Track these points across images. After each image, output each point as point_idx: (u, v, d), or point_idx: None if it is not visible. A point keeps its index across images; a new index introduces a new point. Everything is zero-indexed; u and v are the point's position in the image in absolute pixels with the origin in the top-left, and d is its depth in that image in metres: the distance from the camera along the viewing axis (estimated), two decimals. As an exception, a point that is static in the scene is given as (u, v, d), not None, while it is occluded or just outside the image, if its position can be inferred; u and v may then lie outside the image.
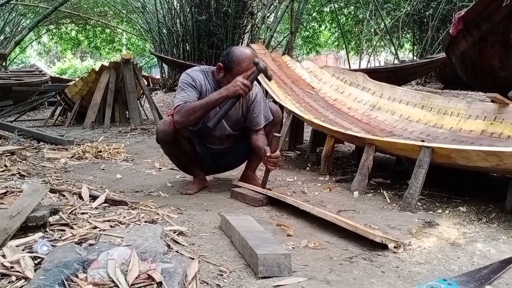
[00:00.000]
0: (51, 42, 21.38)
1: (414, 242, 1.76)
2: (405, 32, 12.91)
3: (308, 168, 3.37)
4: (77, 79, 7.92)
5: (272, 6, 9.52)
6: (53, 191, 2.16)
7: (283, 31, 14.94)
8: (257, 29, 9.50)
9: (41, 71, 11.75)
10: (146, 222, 1.85)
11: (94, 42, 18.97)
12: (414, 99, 3.49)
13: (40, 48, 24.05)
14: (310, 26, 15.75)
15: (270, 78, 2.51)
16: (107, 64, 6.76)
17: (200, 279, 1.35)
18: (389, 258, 1.59)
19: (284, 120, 3.48)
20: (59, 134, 4.99)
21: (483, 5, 4.53)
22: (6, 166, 2.95)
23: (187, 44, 10.71)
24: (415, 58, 10.80)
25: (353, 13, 14.32)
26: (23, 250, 1.41)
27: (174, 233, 1.74)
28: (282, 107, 3.38)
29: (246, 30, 10.58)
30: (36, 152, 3.75)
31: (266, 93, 3.83)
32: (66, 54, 26.29)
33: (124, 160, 3.67)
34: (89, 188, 2.31)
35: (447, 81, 9.01)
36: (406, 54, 15.59)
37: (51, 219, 1.69)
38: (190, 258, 1.48)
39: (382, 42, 14.01)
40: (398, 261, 1.57)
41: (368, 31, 13.26)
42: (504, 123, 2.82)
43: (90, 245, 1.46)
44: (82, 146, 4.03)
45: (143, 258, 1.31)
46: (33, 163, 3.24)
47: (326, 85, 4.23)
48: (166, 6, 11.14)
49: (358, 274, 1.46)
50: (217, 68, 2.45)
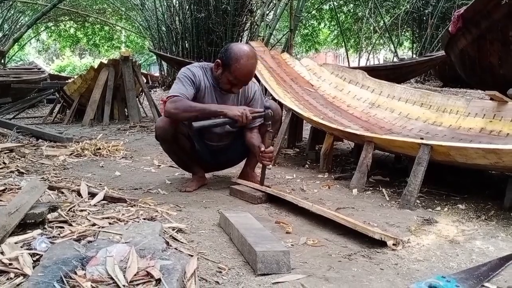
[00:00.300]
0: (50, 39, 21.36)
1: (413, 239, 1.76)
2: (404, 30, 12.91)
3: (307, 165, 3.37)
4: (76, 77, 7.90)
5: (271, 4, 9.52)
6: (51, 188, 2.16)
7: (282, 29, 14.93)
8: (256, 26, 9.49)
9: (39, 69, 11.72)
10: (145, 219, 1.84)
11: (93, 40, 18.94)
12: (413, 97, 3.49)
13: (38, 45, 24.05)
14: (310, 23, 15.76)
15: (268, 127, 2.47)
16: (106, 61, 6.76)
17: (199, 276, 1.35)
18: (388, 255, 1.60)
19: (283, 117, 3.48)
20: (58, 132, 4.99)
21: (483, 3, 4.54)
22: (4, 163, 2.95)
23: (186, 41, 10.70)
24: (414, 56, 10.81)
25: (352, 11, 14.33)
26: (22, 247, 1.41)
27: (173, 230, 1.74)
28: (281, 105, 3.38)
29: (245, 28, 10.56)
30: (35, 149, 3.75)
31: (266, 90, 3.83)
32: (64, 52, 26.25)
33: (123, 157, 3.67)
34: (88, 185, 2.31)
35: (446, 79, 9.01)
36: (405, 52, 15.61)
37: (50, 216, 1.68)
38: (189, 255, 1.48)
39: (381, 40, 14.02)
40: (397, 258, 1.57)
41: (367, 29, 13.27)
42: (503, 121, 2.82)
43: (89, 242, 1.46)
44: (81, 143, 4.02)
45: (142, 255, 1.31)
46: (31, 160, 3.23)
47: (325, 82, 4.23)
48: (165, 4, 11.12)
49: (357, 271, 1.46)
50: (215, 64, 2.45)
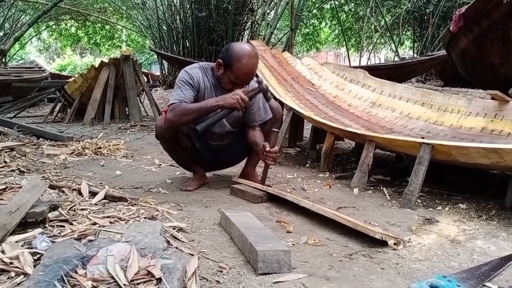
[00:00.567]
0: (51, 38, 21.36)
1: (414, 239, 1.76)
2: (405, 29, 12.89)
3: (308, 165, 3.37)
4: (76, 76, 7.91)
5: (272, 3, 9.49)
6: (52, 187, 2.15)
7: (283, 28, 14.91)
8: (257, 25, 9.48)
9: (40, 68, 11.70)
10: (145, 218, 1.84)
11: (94, 39, 18.93)
12: (414, 96, 3.49)
13: (39, 44, 24.05)
14: (311, 23, 15.73)
15: (268, 99, 2.50)
16: (107, 60, 6.77)
17: (199, 275, 1.35)
18: (388, 254, 1.59)
19: (284, 117, 3.48)
20: (59, 131, 4.99)
21: (484, 2, 4.53)
22: (5, 162, 2.95)
23: (187, 40, 10.69)
24: (416, 55, 10.79)
25: (353, 10, 14.30)
26: (23, 246, 1.41)
27: (174, 229, 1.74)
28: (282, 104, 3.38)
29: (246, 27, 10.56)
30: (35, 148, 3.75)
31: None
32: (65, 51, 26.27)
33: (123, 156, 3.67)
34: (88, 184, 2.31)
35: (447, 78, 9.00)
36: (407, 51, 15.58)
37: (51, 215, 1.68)
38: (190, 254, 1.48)
39: (382, 39, 14.00)
40: (398, 257, 1.57)
41: (368, 28, 13.26)
42: (504, 120, 2.81)
43: (90, 241, 1.46)
44: (81, 142, 4.02)
45: (143, 254, 1.31)
46: (32, 159, 3.23)
47: (326, 82, 4.23)
48: (166, 3, 11.12)
49: (358, 270, 1.46)
50: (216, 64, 2.44)
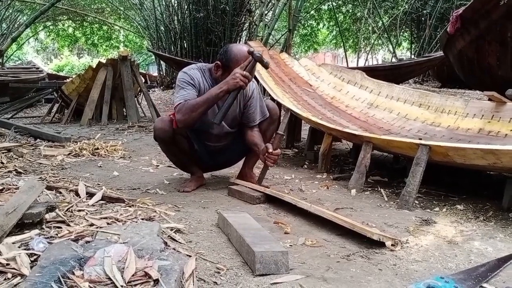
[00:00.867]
0: (48, 38, 21.32)
1: (411, 240, 1.76)
2: (403, 30, 12.92)
3: (305, 166, 3.37)
4: (74, 76, 7.90)
5: (270, 4, 9.51)
6: (49, 188, 2.15)
7: (281, 29, 14.92)
8: (255, 26, 9.48)
9: (38, 68, 11.70)
10: (143, 219, 1.84)
11: (92, 39, 18.91)
12: (411, 98, 3.50)
13: (37, 44, 24.01)
14: (308, 24, 15.76)
15: (266, 66, 2.44)
16: (104, 61, 6.76)
17: (197, 277, 1.35)
18: (386, 256, 1.59)
19: (281, 118, 3.48)
20: (56, 131, 4.98)
21: (481, 3, 4.55)
22: (2, 163, 2.94)
23: (185, 41, 10.69)
24: (413, 56, 10.81)
25: (351, 11, 14.33)
26: (19, 247, 1.40)
27: (171, 230, 1.74)
28: (280, 105, 3.38)
29: (244, 28, 10.57)
30: (33, 149, 3.74)
31: (264, 90, 3.83)
32: (63, 51, 26.21)
33: (121, 157, 3.66)
34: (86, 185, 2.30)
35: (445, 79, 9.02)
36: (404, 53, 15.63)
37: (48, 216, 1.68)
38: (187, 255, 1.47)
39: (380, 40, 14.04)
40: (395, 259, 1.57)
41: (366, 29, 13.29)
42: (501, 122, 2.82)
43: (87, 242, 1.45)
44: (79, 143, 4.02)
45: (140, 256, 1.31)
46: (29, 160, 3.23)
47: (324, 83, 4.23)
48: (164, 3, 11.11)
49: (355, 271, 1.46)
50: (215, 66, 2.44)
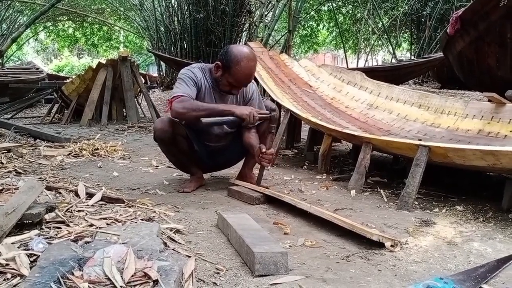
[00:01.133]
0: (48, 39, 21.31)
1: (411, 240, 1.76)
2: (402, 31, 12.92)
3: (305, 166, 3.37)
4: (74, 77, 7.90)
5: (270, 5, 9.51)
6: (49, 189, 2.15)
7: (281, 30, 14.93)
8: (255, 27, 9.48)
9: (38, 68, 11.69)
10: (142, 220, 1.84)
11: (92, 40, 18.90)
12: (411, 98, 3.50)
13: (37, 45, 23.99)
14: (308, 24, 15.76)
15: (271, 129, 2.53)
16: (104, 61, 6.76)
17: (196, 277, 1.35)
18: (385, 256, 1.59)
19: (281, 118, 3.48)
20: (56, 132, 4.98)
21: (481, 4, 4.55)
22: (2, 163, 2.94)
23: (185, 42, 10.69)
24: (413, 57, 10.81)
25: (351, 12, 14.33)
26: (19, 248, 1.40)
27: (171, 231, 1.74)
28: (279, 106, 3.38)
29: (244, 28, 10.56)
30: (32, 149, 3.74)
31: (264, 91, 3.83)
32: (63, 52, 26.19)
33: (121, 158, 3.66)
34: (85, 185, 2.30)
35: (445, 80, 9.02)
36: (404, 54, 15.64)
37: (47, 217, 1.68)
38: (187, 256, 1.47)
39: (379, 41, 14.03)
40: (394, 259, 1.57)
41: (366, 30, 13.29)
42: (501, 123, 2.82)
43: (86, 242, 1.45)
44: (79, 143, 4.02)
45: (140, 256, 1.31)
46: (29, 161, 3.23)
47: (324, 83, 4.23)
48: (164, 4, 11.11)
49: (355, 272, 1.46)
50: (215, 66, 2.44)
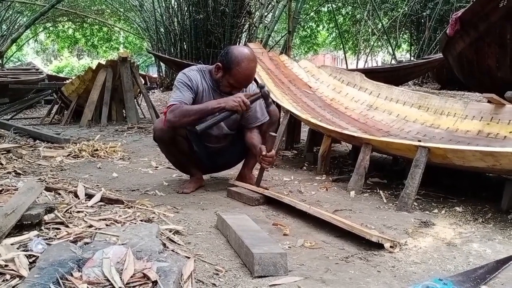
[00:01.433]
0: (48, 40, 21.32)
1: (410, 241, 1.76)
2: (402, 32, 12.91)
3: (305, 167, 3.37)
4: (74, 78, 7.89)
5: (269, 6, 9.51)
6: (48, 190, 2.15)
7: (281, 31, 14.93)
8: (254, 28, 9.48)
9: (37, 69, 11.70)
10: (142, 221, 1.84)
11: (91, 41, 18.91)
12: (411, 99, 3.50)
13: (36, 46, 23.99)
14: (308, 25, 15.77)
15: (269, 105, 2.49)
16: (104, 62, 6.76)
17: (195, 278, 1.35)
18: (385, 257, 1.59)
19: (281, 119, 3.48)
20: (56, 133, 4.97)
21: (480, 5, 4.54)
22: (1, 164, 2.94)
23: (185, 43, 10.69)
24: (412, 58, 10.81)
25: (350, 13, 14.33)
26: (18, 249, 1.40)
27: (170, 232, 1.74)
28: (279, 107, 3.38)
29: (244, 29, 10.56)
30: (32, 150, 3.74)
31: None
32: (63, 52, 26.18)
33: (120, 158, 3.66)
34: (85, 186, 2.30)
35: (444, 81, 9.02)
36: (404, 54, 15.63)
37: (47, 218, 1.68)
38: (186, 257, 1.47)
39: (379, 42, 14.03)
40: (394, 260, 1.57)
41: (365, 31, 13.29)
42: (500, 124, 2.82)
43: (86, 243, 1.45)
44: (78, 144, 4.02)
45: (139, 257, 1.31)
46: (29, 161, 3.22)
47: (323, 84, 4.24)
48: (164, 5, 11.11)
49: (354, 273, 1.46)
50: (215, 67, 2.45)
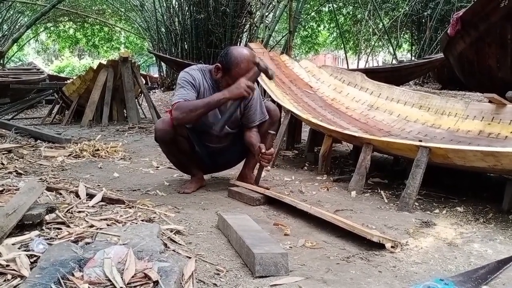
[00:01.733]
0: (49, 40, 21.33)
1: (411, 242, 1.76)
2: (403, 32, 12.92)
3: (306, 167, 3.37)
4: (75, 77, 7.90)
5: (270, 5, 9.52)
6: (49, 189, 2.15)
7: (282, 31, 14.93)
8: (255, 28, 9.48)
9: (38, 69, 11.70)
10: (143, 220, 1.84)
11: (92, 40, 18.92)
12: (412, 99, 3.50)
13: (38, 46, 24.01)
14: (309, 25, 15.76)
15: (271, 77, 2.48)
16: (105, 62, 6.76)
17: (196, 278, 1.35)
18: (386, 258, 1.59)
19: (282, 119, 3.48)
20: (57, 133, 4.98)
21: (481, 5, 4.54)
22: (3, 164, 2.94)
23: (186, 43, 10.70)
24: (413, 58, 10.81)
25: (351, 13, 14.33)
26: (19, 248, 1.41)
27: (171, 232, 1.74)
28: (280, 106, 3.38)
29: (245, 29, 10.56)
30: (33, 150, 3.74)
31: (264, 92, 3.83)
32: (64, 52, 26.22)
33: (121, 158, 3.66)
34: (86, 186, 2.30)
35: (445, 81, 9.02)
36: (404, 54, 15.62)
37: (48, 218, 1.68)
38: (187, 257, 1.48)
39: (380, 42, 14.03)
40: (395, 261, 1.57)
41: (366, 31, 13.29)
42: (501, 124, 2.82)
43: (87, 243, 1.46)
44: (79, 144, 4.02)
45: (140, 257, 1.31)
46: (30, 161, 3.23)
47: (324, 84, 4.23)
48: (165, 5, 11.12)
49: (355, 273, 1.46)
50: (215, 68, 2.45)
